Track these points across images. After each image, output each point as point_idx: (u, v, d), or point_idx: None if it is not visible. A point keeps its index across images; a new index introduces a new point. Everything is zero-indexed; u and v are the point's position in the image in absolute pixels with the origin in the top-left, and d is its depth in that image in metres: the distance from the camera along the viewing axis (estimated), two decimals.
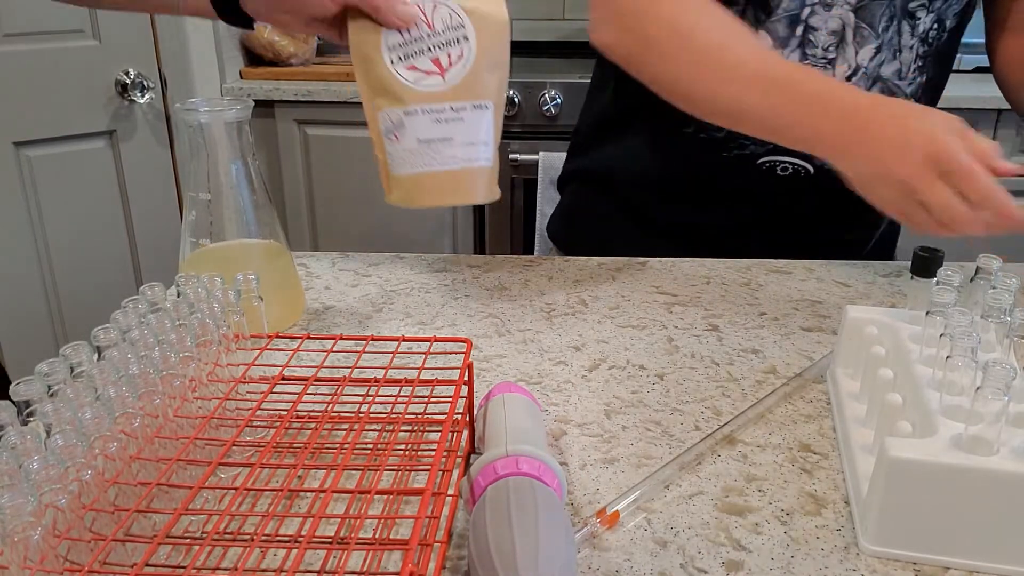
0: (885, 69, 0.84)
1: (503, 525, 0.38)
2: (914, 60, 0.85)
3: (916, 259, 0.58)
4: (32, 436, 0.38)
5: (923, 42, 0.84)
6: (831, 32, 0.81)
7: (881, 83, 0.84)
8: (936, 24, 0.84)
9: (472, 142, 0.73)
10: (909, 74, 0.85)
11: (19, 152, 1.59)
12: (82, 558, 0.37)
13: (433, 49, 0.71)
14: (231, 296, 0.53)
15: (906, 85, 0.86)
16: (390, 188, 0.75)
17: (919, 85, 0.86)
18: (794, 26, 0.81)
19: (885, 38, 0.82)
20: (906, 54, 0.84)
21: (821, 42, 0.81)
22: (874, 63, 0.83)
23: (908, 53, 0.84)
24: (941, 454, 0.42)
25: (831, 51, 0.81)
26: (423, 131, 0.72)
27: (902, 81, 0.85)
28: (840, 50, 0.81)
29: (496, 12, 0.72)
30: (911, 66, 0.85)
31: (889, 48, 0.83)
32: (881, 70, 0.84)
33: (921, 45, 0.84)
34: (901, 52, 0.83)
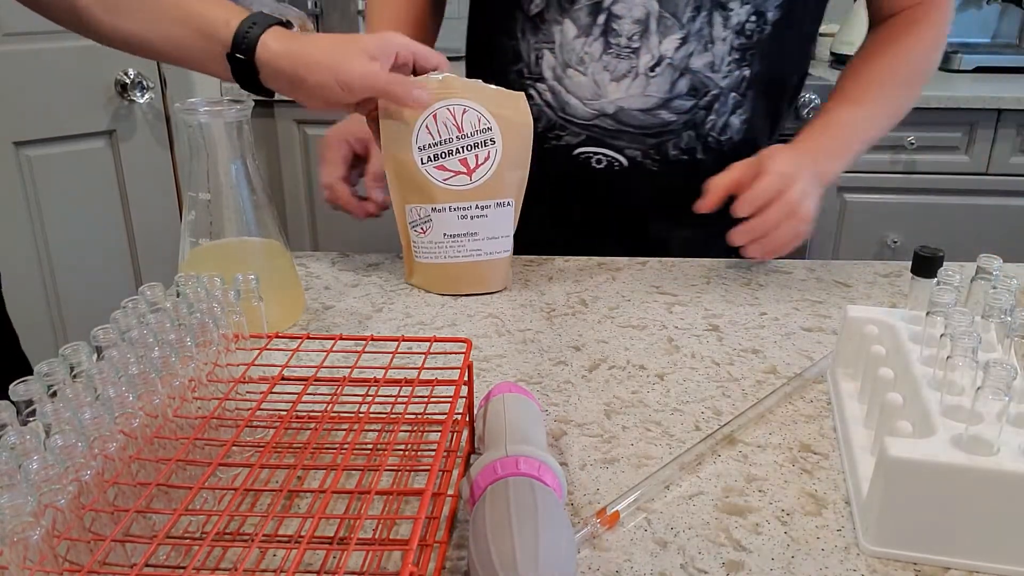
0: (695, 61, 0.82)
1: (503, 525, 0.38)
2: (729, 53, 0.83)
3: (916, 259, 0.58)
4: (32, 436, 0.38)
5: (739, 34, 0.82)
6: (635, 21, 0.80)
7: (691, 75, 0.83)
8: (754, 16, 0.82)
9: (494, 236, 0.78)
10: (724, 67, 0.83)
11: (19, 152, 1.59)
12: (81, 558, 0.37)
13: (462, 151, 0.75)
14: (231, 296, 0.53)
15: (720, 78, 0.84)
16: (412, 272, 0.81)
17: (738, 79, 0.84)
18: (597, 14, 0.81)
19: (692, 29, 0.81)
20: (719, 46, 0.82)
21: (625, 31, 0.81)
22: (680, 54, 0.81)
23: (721, 45, 0.82)
24: (941, 454, 0.42)
25: (635, 40, 0.81)
26: (449, 226, 0.77)
27: (715, 74, 0.83)
28: (644, 39, 0.81)
29: (521, 116, 0.77)
30: (726, 59, 0.83)
31: (698, 39, 0.81)
32: (691, 61, 0.82)
33: (737, 37, 0.82)
34: (713, 44, 0.82)
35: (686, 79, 0.83)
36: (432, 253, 0.77)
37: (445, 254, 0.77)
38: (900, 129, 1.89)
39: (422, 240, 0.78)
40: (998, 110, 1.86)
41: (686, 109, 0.84)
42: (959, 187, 1.95)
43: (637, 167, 0.86)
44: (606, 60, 0.82)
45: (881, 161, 1.93)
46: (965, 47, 2.19)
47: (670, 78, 0.82)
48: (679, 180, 0.85)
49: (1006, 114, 1.87)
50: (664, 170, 0.87)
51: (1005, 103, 1.85)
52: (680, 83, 0.83)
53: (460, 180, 0.75)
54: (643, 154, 0.86)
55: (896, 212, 1.98)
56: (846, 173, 1.93)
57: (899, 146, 1.91)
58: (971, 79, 2.05)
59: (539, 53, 0.85)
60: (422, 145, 0.74)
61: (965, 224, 1.97)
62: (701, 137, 0.86)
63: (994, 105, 1.85)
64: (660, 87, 0.83)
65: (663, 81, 0.83)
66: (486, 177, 0.75)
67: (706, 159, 0.87)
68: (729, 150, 0.87)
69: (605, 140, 0.85)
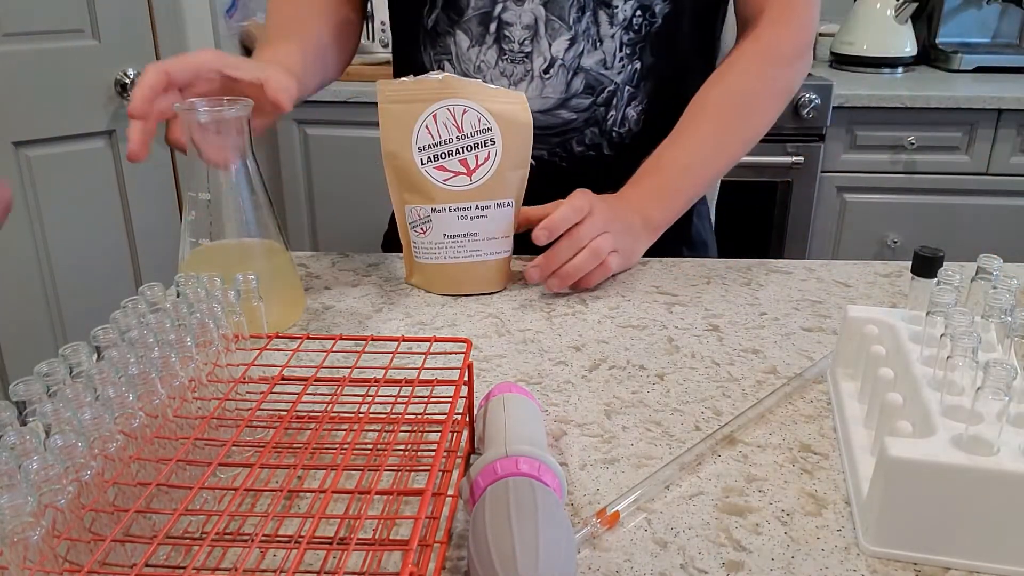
0: (586, 60, 0.84)
1: (503, 525, 0.38)
2: (620, 48, 0.84)
3: (916, 259, 0.58)
4: (31, 436, 0.38)
5: (627, 30, 0.83)
6: (525, 26, 0.82)
7: (584, 73, 0.85)
8: (639, 11, 0.83)
9: (494, 236, 0.78)
10: (616, 63, 0.84)
11: (18, 152, 1.59)
12: (81, 558, 0.37)
13: (462, 151, 0.75)
14: (231, 296, 0.53)
15: (615, 74, 0.85)
16: (412, 272, 0.81)
17: (632, 72, 0.85)
18: (487, 23, 0.82)
19: (579, 29, 0.82)
20: (608, 43, 0.84)
21: (516, 36, 0.82)
22: (571, 54, 0.83)
23: (611, 42, 0.84)
24: (941, 454, 0.42)
25: (527, 44, 0.83)
26: (449, 227, 0.77)
27: (609, 70, 0.85)
28: (535, 43, 0.83)
29: (521, 116, 0.76)
30: (617, 55, 0.84)
31: (586, 39, 0.83)
32: (582, 60, 0.84)
33: (625, 33, 0.84)
34: (602, 42, 0.83)
35: (580, 78, 0.85)
36: (432, 253, 0.77)
37: (445, 254, 0.77)
38: (900, 129, 1.90)
39: (422, 240, 0.78)
40: (998, 110, 1.87)
41: (584, 107, 0.87)
42: (959, 187, 1.95)
43: (546, 166, 0.89)
44: (502, 66, 0.85)
45: (881, 161, 1.94)
46: (965, 47, 2.19)
47: (564, 78, 0.85)
48: (589, 175, 0.87)
49: (1006, 114, 1.87)
50: (572, 167, 0.89)
51: (1005, 103, 1.85)
52: (575, 82, 0.85)
53: (460, 180, 0.75)
54: (549, 153, 0.89)
55: (896, 212, 1.98)
56: (846, 173, 1.94)
57: (899, 146, 1.91)
58: (971, 79, 2.05)
59: (440, 64, 0.87)
60: (422, 145, 0.74)
61: (965, 224, 1.97)
62: (604, 133, 0.88)
63: (994, 105, 1.85)
64: (556, 88, 0.86)
65: (558, 82, 0.85)
66: (486, 177, 0.75)
67: (612, 153, 0.90)
68: (631, 142, 0.89)
69: None
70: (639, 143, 0.88)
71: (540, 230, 0.74)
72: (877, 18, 2.13)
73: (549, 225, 0.74)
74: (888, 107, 1.87)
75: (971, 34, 2.29)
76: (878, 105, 1.86)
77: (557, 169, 0.89)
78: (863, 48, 2.13)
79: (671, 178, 0.84)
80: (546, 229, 0.74)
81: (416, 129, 0.74)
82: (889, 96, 1.86)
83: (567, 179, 0.85)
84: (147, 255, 1.81)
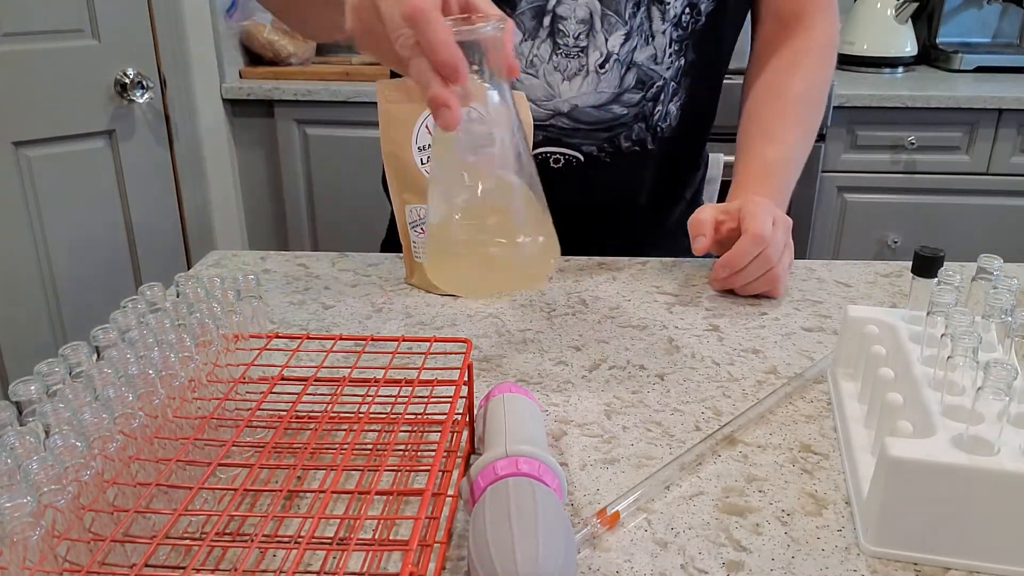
0: (639, 55, 0.84)
1: (503, 526, 0.38)
2: (669, 44, 0.85)
3: (917, 259, 0.58)
4: (31, 436, 0.38)
5: (676, 27, 0.85)
6: (580, 21, 0.82)
7: (636, 68, 0.85)
8: (688, 8, 0.84)
9: None
10: (666, 59, 0.86)
11: (18, 152, 1.59)
12: (81, 559, 0.37)
13: None
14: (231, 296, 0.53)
15: (664, 69, 0.86)
16: (412, 272, 0.80)
17: (678, 69, 0.87)
18: (541, 17, 0.82)
19: (633, 24, 0.83)
20: (659, 39, 0.84)
21: (571, 31, 0.82)
22: (625, 49, 0.84)
23: (662, 38, 0.85)
24: (942, 454, 0.42)
25: (582, 39, 0.82)
26: None
27: (659, 66, 0.86)
28: (591, 38, 0.82)
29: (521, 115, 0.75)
30: (666, 50, 0.85)
31: (640, 34, 0.83)
32: (635, 56, 0.84)
33: (675, 30, 0.85)
34: (654, 37, 0.84)
35: (632, 73, 0.85)
36: None
37: None
38: (900, 129, 1.90)
39: (422, 240, 0.77)
40: (999, 110, 1.86)
41: (635, 102, 0.87)
42: (960, 187, 1.95)
43: (594, 162, 0.89)
44: (556, 60, 0.84)
45: (881, 161, 1.93)
46: (965, 47, 2.19)
47: (619, 73, 0.85)
48: (633, 170, 0.89)
49: (1007, 114, 1.87)
50: (616, 162, 0.90)
51: (1006, 103, 1.85)
52: (628, 77, 0.85)
53: None
54: (598, 148, 0.89)
55: (896, 212, 1.98)
56: (846, 173, 1.94)
57: (899, 146, 1.91)
58: (972, 79, 2.05)
59: None
60: (422, 145, 0.74)
61: (965, 224, 1.97)
62: (650, 128, 0.89)
63: (995, 105, 1.85)
64: (610, 83, 0.86)
65: (613, 77, 0.85)
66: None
67: (654, 148, 0.90)
68: (669, 136, 0.91)
69: (562, 139, 0.88)
70: (676, 138, 0.91)
71: (720, 267, 0.75)
72: (877, 18, 2.13)
73: (729, 262, 0.74)
74: (888, 107, 1.87)
75: (971, 34, 2.29)
76: (878, 105, 1.86)
77: (602, 164, 0.89)
78: (863, 48, 2.13)
79: (786, 177, 0.86)
80: (726, 266, 0.75)
81: (416, 129, 0.74)
82: (889, 96, 1.86)
83: (611, 174, 0.87)
84: (147, 255, 1.81)
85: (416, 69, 0.49)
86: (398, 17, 0.48)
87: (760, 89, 0.90)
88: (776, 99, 0.89)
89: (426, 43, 0.48)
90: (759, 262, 0.74)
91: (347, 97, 1.93)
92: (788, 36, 0.91)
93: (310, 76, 2.02)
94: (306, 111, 1.97)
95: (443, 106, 0.48)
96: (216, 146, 2.00)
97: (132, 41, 1.71)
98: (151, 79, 1.73)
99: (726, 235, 0.77)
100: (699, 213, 0.77)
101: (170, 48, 1.80)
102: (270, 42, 2.05)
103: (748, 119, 0.90)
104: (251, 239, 2.17)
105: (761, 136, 0.87)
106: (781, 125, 0.88)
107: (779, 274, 0.76)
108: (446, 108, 0.48)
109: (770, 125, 0.88)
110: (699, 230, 0.76)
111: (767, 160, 0.86)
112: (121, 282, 1.78)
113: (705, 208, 0.78)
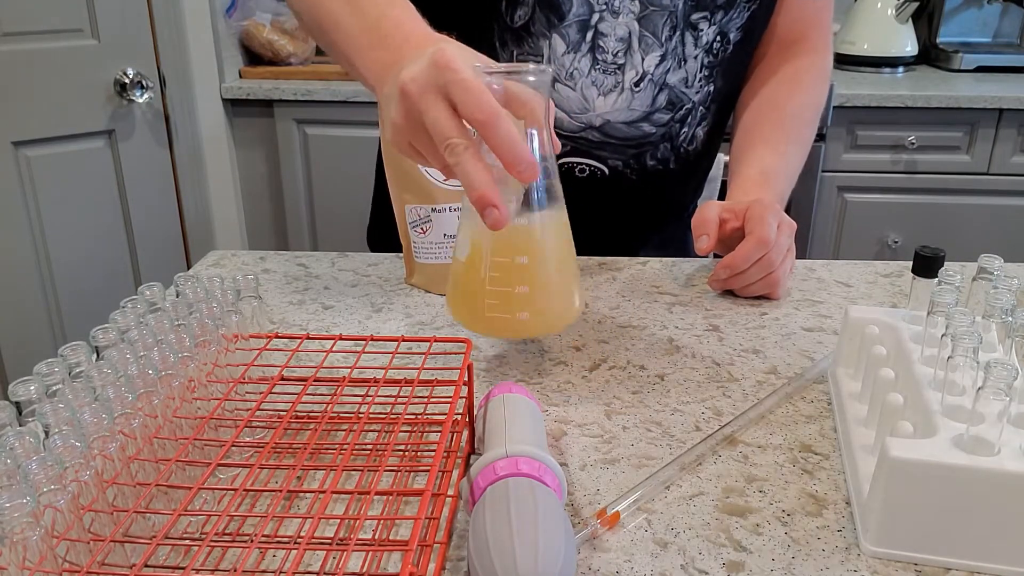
0: (671, 77, 0.86)
1: (503, 526, 0.38)
2: (700, 69, 0.87)
3: (917, 259, 0.58)
4: (31, 436, 0.38)
5: (708, 53, 0.87)
6: (619, 39, 0.83)
7: (668, 90, 0.87)
8: (719, 36, 0.86)
9: None
10: (696, 83, 0.88)
11: (18, 152, 1.59)
12: (81, 559, 0.37)
13: None
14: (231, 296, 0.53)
15: (693, 93, 0.88)
16: (412, 272, 0.80)
17: (707, 94, 0.89)
18: (584, 31, 0.83)
19: (669, 47, 0.85)
20: (691, 63, 0.86)
21: (611, 47, 0.84)
22: (660, 70, 0.85)
23: (693, 63, 0.87)
24: (942, 454, 0.42)
25: (620, 57, 0.84)
26: (449, 227, 0.76)
27: (689, 89, 0.88)
28: (628, 56, 0.84)
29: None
30: (697, 75, 0.88)
31: (674, 57, 0.85)
32: (668, 77, 0.86)
33: (706, 56, 0.87)
34: (686, 61, 0.86)
35: (664, 94, 0.87)
36: (432, 253, 0.77)
37: (445, 254, 0.77)
38: (901, 129, 1.90)
39: (422, 240, 0.77)
40: (999, 110, 1.86)
41: (664, 122, 0.89)
42: (960, 187, 1.95)
43: (618, 176, 0.90)
44: (594, 75, 0.85)
45: (881, 161, 1.93)
46: (966, 47, 2.19)
47: (652, 93, 0.87)
48: (655, 188, 0.91)
49: (1007, 114, 1.87)
50: (640, 178, 0.91)
51: (1006, 103, 1.85)
52: (660, 97, 0.87)
53: None
54: (624, 164, 0.90)
55: (896, 212, 1.98)
56: (846, 172, 1.94)
57: (899, 146, 1.91)
58: (972, 79, 2.05)
59: None
60: None
61: (966, 224, 1.97)
62: (675, 148, 0.91)
63: (995, 105, 1.85)
64: (643, 101, 0.87)
65: (646, 96, 0.87)
66: None
67: (676, 168, 0.92)
68: (694, 159, 0.93)
69: (591, 151, 0.89)
70: (699, 160, 0.94)
71: (722, 268, 0.75)
72: (878, 18, 2.13)
73: (731, 264, 0.74)
74: (889, 107, 1.87)
75: (972, 34, 2.29)
76: (879, 105, 1.86)
77: (627, 180, 0.91)
78: (864, 48, 2.13)
79: (784, 185, 0.88)
80: (728, 268, 0.75)
81: None
82: (890, 96, 1.86)
83: (634, 190, 0.90)
84: (147, 255, 1.82)
85: (464, 170, 0.49)
86: (448, 127, 0.50)
87: (761, 101, 0.92)
88: (776, 111, 0.91)
89: (502, 145, 0.49)
90: (761, 265, 0.74)
91: (347, 97, 1.93)
92: (789, 56, 0.93)
93: (310, 76, 2.02)
94: (306, 111, 1.97)
95: (491, 206, 0.49)
96: (216, 146, 2.00)
97: (132, 41, 1.71)
98: (151, 79, 1.73)
99: (729, 234, 0.77)
100: (704, 211, 0.77)
101: (170, 48, 1.80)
102: (270, 42, 2.05)
103: (747, 129, 0.91)
104: (251, 239, 2.17)
105: (762, 144, 0.89)
106: (780, 137, 0.90)
107: (780, 277, 0.76)
108: (494, 208, 0.49)
109: (770, 135, 0.89)
110: (703, 229, 0.76)
111: (766, 167, 0.86)
112: (121, 282, 1.78)
113: (710, 205, 0.78)
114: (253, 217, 2.15)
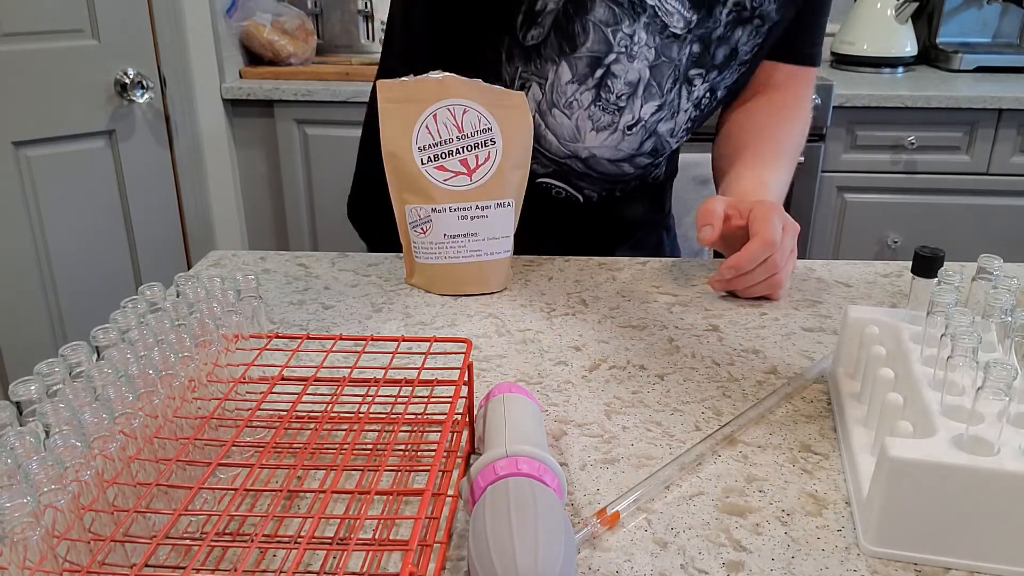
0: (662, 126, 0.88)
1: (503, 526, 0.38)
2: (686, 122, 0.90)
3: (917, 259, 0.58)
4: (31, 436, 0.38)
5: (696, 107, 0.89)
6: (628, 83, 0.84)
7: (656, 137, 0.89)
8: (708, 92, 0.88)
9: (495, 236, 0.78)
10: (679, 133, 0.91)
11: (18, 152, 1.59)
12: (81, 559, 0.37)
13: (462, 151, 0.75)
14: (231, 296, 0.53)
15: (674, 142, 0.92)
16: (412, 272, 0.81)
17: (681, 142, 0.93)
18: (595, 68, 0.83)
19: (668, 98, 0.86)
20: (681, 116, 0.89)
21: (617, 89, 0.84)
22: (654, 119, 0.87)
23: (683, 115, 0.89)
24: (942, 454, 0.42)
25: (623, 100, 0.85)
26: (449, 227, 0.77)
27: (672, 139, 0.91)
28: (631, 100, 0.85)
29: (521, 117, 0.76)
30: (682, 127, 0.90)
31: (670, 108, 0.87)
32: (659, 126, 0.88)
33: (694, 110, 0.89)
34: (678, 114, 0.88)
35: (651, 141, 0.89)
36: (432, 253, 0.77)
37: (445, 254, 0.77)
38: (900, 129, 1.90)
39: (422, 240, 0.77)
40: (999, 110, 1.86)
41: (644, 165, 0.92)
42: (960, 187, 1.95)
43: (589, 203, 0.94)
44: (592, 110, 0.86)
45: (881, 161, 1.93)
46: (965, 47, 2.19)
47: (641, 138, 0.88)
48: (619, 212, 0.98)
49: (1007, 114, 1.87)
50: (609, 204, 0.96)
51: (1006, 103, 1.85)
52: (647, 143, 0.89)
53: (460, 180, 0.75)
54: (598, 196, 0.94)
55: (896, 212, 1.98)
56: (846, 173, 1.94)
57: (899, 146, 1.91)
58: (972, 79, 2.05)
59: (525, 82, 0.86)
60: (422, 145, 0.74)
61: (966, 224, 1.97)
62: (644, 184, 0.96)
63: (995, 105, 1.85)
64: (631, 144, 0.89)
65: (635, 140, 0.88)
66: (486, 177, 0.75)
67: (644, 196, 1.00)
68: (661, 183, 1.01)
69: (571, 179, 0.92)
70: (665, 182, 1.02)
71: (727, 268, 0.75)
72: (877, 18, 2.13)
73: (737, 264, 0.74)
74: (888, 107, 1.87)
75: (971, 34, 2.29)
76: (878, 105, 1.86)
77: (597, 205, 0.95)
78: (863, 48, 2.13)
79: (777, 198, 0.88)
80: (734, 268, 0.75)
81: (416, 129, 0.74)
82: (889, 96, 1.86)
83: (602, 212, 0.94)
84: (147, 255, 1.82)
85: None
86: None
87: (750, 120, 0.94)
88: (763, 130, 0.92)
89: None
90: (765, 266, 0.74)
91: (347, 97, 1.93)
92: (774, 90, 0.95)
93: (310, 76, 2.02)
94: (306, 111, 1.97)
95: None
96: (216, 146, 2.00)
97: (132, 41, 1.71)
98: (151, 79, 1.73)
99: (732, 231, 0.77)
100: (709, 203, 0.77)
101: (170, 48, 1.80)
102: (270, 42, 2.05)
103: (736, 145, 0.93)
104: (251, 239, 2.17)
105: (752, 157, 0.89)
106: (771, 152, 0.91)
107: (782, 279, 0.76)
108: None
109: (761, 149, 0.91)
110: (708, 220, 0.76)
111: (765, 178, 0.87)
112: (121, 282, 1.78)
113: (716, 199, 0.78)
114: (253, 217, 2.15)
